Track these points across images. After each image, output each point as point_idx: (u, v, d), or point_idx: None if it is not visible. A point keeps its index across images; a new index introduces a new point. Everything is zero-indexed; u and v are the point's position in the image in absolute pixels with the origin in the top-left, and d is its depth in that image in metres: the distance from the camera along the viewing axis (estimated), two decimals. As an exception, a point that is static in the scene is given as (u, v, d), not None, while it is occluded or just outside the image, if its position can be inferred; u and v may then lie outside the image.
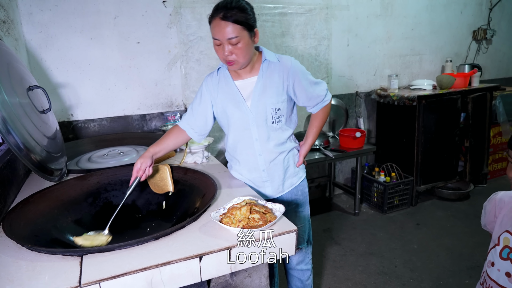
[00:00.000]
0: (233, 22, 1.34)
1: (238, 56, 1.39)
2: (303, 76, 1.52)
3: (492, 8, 4.13)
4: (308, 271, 1.83)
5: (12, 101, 1.20)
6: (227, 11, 1.33)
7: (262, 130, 1.53)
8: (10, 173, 1.40)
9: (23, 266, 0.93)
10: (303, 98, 1.55)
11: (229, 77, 1.54)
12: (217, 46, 1.40)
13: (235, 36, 1.34)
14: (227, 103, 1.53)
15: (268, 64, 1.51)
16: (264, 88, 1.50)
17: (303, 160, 1.69)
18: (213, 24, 1.38)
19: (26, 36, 2.15)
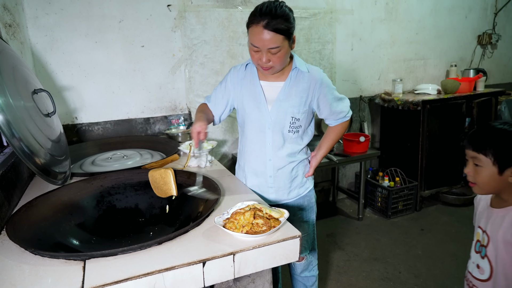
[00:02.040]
0: (277, 32, 1.30)
1: (275, 63, 1.38)
2: (330, 91, 1.51)
3: (497, 13, 4.11)
4: (313, 277, 1.81)
5: (17, 104, 1.20)
6: (272, 20, 1.28)
7: (276, 137, 1.52)
8: (14, 176, 1.40)
9: (26, 270, 0.93)
10: (326, 112, 1.55)
11: (256, 75, 1.52)
12: (254, 52, 1.37)
13: (276, 46, 1.32)
14: (248, 101, 1.53)
15: (297, 73, 1.49)
16: (288, 95, 1.49)
17: (313, 172, 1.67)
18: (253, 30, 1.32)
19: (32, 40, 2.16)
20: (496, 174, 1.10)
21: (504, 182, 1.10)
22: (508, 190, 1.12)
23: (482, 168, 1.12)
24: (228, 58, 2.73)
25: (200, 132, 1.40)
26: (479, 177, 1.13)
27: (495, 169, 1.09)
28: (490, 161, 1.09)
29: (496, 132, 1.11)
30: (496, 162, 1.09)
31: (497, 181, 1.10)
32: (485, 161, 1.10)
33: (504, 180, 1.10)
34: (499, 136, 1.10)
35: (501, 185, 1.11)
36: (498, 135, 1.10)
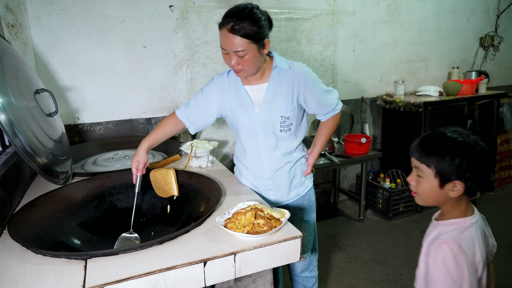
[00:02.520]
0: (241, 36, 1.28)
1: (245, 67, 1.36)
2: (315, 84, 1.48)
3: (500, 15, 4.11)
4: (313, 278, 1.81)
5: (19, 104, 1.21)
6: (237, 23, 1.27)
7: (269, 138, 1.51)
8: (16, 175, 1.41)
9: (27, 269, 0.93)
10: (314, 106, 1.52)
11: (240, 81, 1.51)
12: (224, 54, 1.37)
13: (241, 50, 1.30)
14: (236, 107, 1.51)
15: (279, 71, 1.47)
16: (274, 95, 1.47)
17: (311, 170, 1.67)
18: (221, 33, 1.33)
19: (34, 40, 2.17)
20: (437, 187, 1.01)
21: (444, 196, 1.02)
22: (448, 204, 1.05)
23: (424, 179, 1.03)
24: (229, 59, 2.73)
25: (138, 164, 1.43)
26: (420, 188, 1.05)
27: (436, 182, 1.01)
28: (432, 173, 1.01)
29: (442, 142, 1.01)
30: (437, 175, 1.00)
31: (437, 194, 1.03)
32: (427, 172, 1.02)
33: (444, 194, 1.02)
34: (443, 147, 1.00)
35: (442, 198, 1.03)
36: (443, 146, 1.00)
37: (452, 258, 0.95)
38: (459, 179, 0.98)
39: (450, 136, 1.00)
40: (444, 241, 0.99)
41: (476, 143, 0.98)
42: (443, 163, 0.99)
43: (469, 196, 1.04)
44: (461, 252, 0.95)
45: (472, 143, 0.98)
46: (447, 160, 0.98)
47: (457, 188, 0.99)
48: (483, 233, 1.05)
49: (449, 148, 0.99)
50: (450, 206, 1.05)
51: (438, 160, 0.99)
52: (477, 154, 0.97)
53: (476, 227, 1.03)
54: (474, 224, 1.03)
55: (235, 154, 1.70)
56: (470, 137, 0.99)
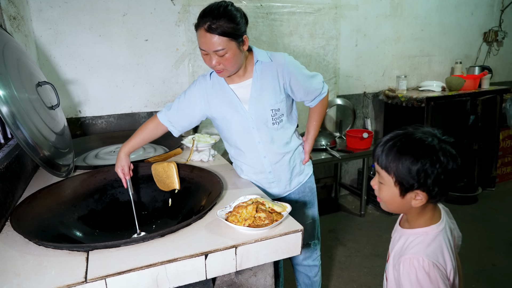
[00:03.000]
0: (219, 34, 1.26)
1: (226, 66, 1.34)
2: (299, 71, 1.47)
3: (504, 10, 4.07)
4: (315, 267, 1.81)
5: (21, 96, 1.21)
6: (213, 22, 1.25)
7: (263, 133, 1.50)
8: (18, 168, 1.41)
9: (30, 260, 0.94)
10: (301, 94, 1.51)
11: (223, 81, 1.48)
12: (204, 55, 1.35)
13: (221, 48, 1.28)
14: (225, 108, 1.49)
15: (261, 65, 1.45)
16: (261, 90, 1.45)
17: (309, 157, 1.68)
18: (198, 34, 1.30)
19: (36, 33, 2.16)
20: (398, 196, 0.92)
21: (407, 205, 0.93)
22: (412, 212, 0.96)
23: (385, 186, 0.94)
24: (231, 53, 2.72)
25: (123, 168, 1.44)
26: (382, 195, 0.97)
27: (396, 191, 0.92)
28: (392, 181, 0.92)
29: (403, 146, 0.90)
30: (397, 183, 0.91)
31: (399, 203, 0.94)
32: (387, 179, 0.93)
33: (406, 202, 0.93)
34: (403, 152, 0.89)
35: (405, 207, 0.95)
36: (403, 151, 0.89)
37: (425, 275, 0.87)
38: (420, 189, 0.89)
39: (412, 139, 0.90)
40: (413, 256, 0.90)
41: (441, 147, 0.87)
42: (402, 170, 0.89)
43: (435, 203, 0.96)
44: (432, 266, 0.88)
45: (436, 147, 0.87)
46: (406, 168, 0.88)
47: (420, 198, 0.91)
48: (450, 232, 0.98)
49: (410, 155, 0.88)
50: (415, 214, 0.97)
51: (397, 167, 0.89)
52: (440, 159, 0.86)
53: (443, 234, 0.94)
54: (441, 231, 0.94)
55: (230, 155, 1.67)
56: (434, 140, 0.88)
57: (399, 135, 0.93)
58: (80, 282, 0.83)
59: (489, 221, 3.05)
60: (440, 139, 0.89)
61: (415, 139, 0.90)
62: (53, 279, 0.85)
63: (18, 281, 0.85)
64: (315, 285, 1.85)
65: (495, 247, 2.62)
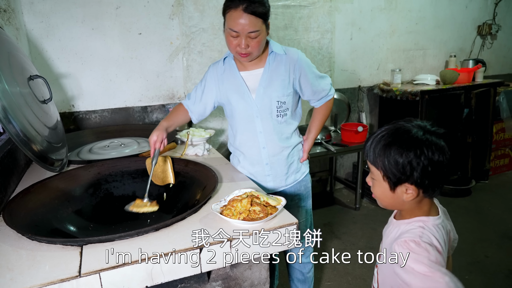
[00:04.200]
0: (256, 15, 1.30)
1: (253, 49, 1.37)
2: (309, 69, 1.50)
3: (498, 3, 4.08)
4: (309, 264, 1.83)
5: (12, 90, 1.19)
6: (251, 3, 1.29)
7: (266, 123, 1.52)
8: (10, 162, 1.40)
9: (23, 255, 0.93)
10: (308, 92, 1.54)
11: (235, 67, 1.52)
12: (232, 37, 1.36)
13: (256, 30, 1.32)
14: (232, 93, 1.53)
15: (274, 56, 1.49)
16: (270, 80, 1.48)
17: (307, 156, 1.68)
18: (232, 14, 1.32)
19: (28, 26, 2.13)
20: (388, 190, 0.91)
21: (399, 200, 0.92)
22: (407, 208, 0.94)
23: (376, 182, 0.93)
24: (226, 47, 2.70)
25: (156, 141, 1.43)
26: (375, 191, 0.96)
27: (386, 186, 0.91)
28: (381, 176, 0.91)
29: (389, 140, 0.88)
30: (385, 177, 0.90)
31: (390, 198, 0.93)
32: (377, 174, 0.92)
33: (398, 197, 0.91)
34: (389, 146, 0.88)
35: (397, 203, 0.93)
36: (389, 144, 0.88)
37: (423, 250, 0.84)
38: (409, 182, 0.88)
39: (398, 133, 0.89)
40: (409, 239, 0.87)
41: (426, 139, 0.85)
42: (388, 165, 0.88)
43: (430, 197, 0.93)
44: (429, 244, 0.86)
45: (421, 139, 0.85)
46: (392, 162, 0.87)
47: (410, 192, 0.89)
48: (446, 233, 0.95)
49: (395, 147, 0.87)
50: (409, 210, 0.95)
51: (383, 162, 0.88)
52: (424, 151, 0.84)
53: (440, 228, 0.93)
54: (439, 224, 0.93)
55: (230, 142, 1.71)
56: (419, 132, 0.86)
57: (386, 129, 0.92)
58: (74, 277, 0.83)
59: (482, 214, 3.09)
60: (426, 131, 0.87)
61: (400, 133, 0.88)
62: (46, 274, 0.84)
63: (12, 275, 0.85)
64: (308, 281, 1.86)
65: (488, 239, 2.65)
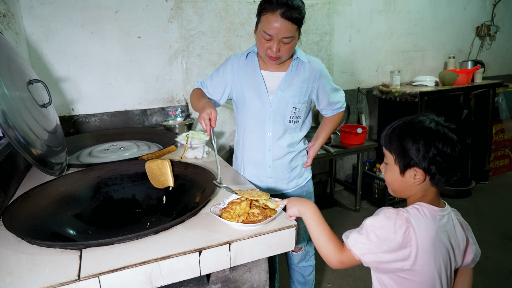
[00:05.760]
0: (293, 22, 1.30)
1: (284, 54, 1.38)
2: (328, 82, 1.53)
3: (496, 4, 4.10)
4: (310, 267, 1.83)
5: (12, 94, 1.20)
6: (289, 9, 1.28)
7: (277, 126, 1.53)
8: (10, 167, 1.40)
9: (23, 259, 0.93)
10: (324, 103, 1.57)
11: (257, 64, 1.51)
12: (265, 39, 1.36)
13: (291, 36, 1.33)
14: (248, 90, 1.52)
15: (298, 63, 1.50)
16: (290, 85, 1.49)
17: (311, 162, 1.68)
18: (269, 18, 1.31)
19: (27, 30, 2.14)
20: (398, 174, 0.98)
21: (407, 185, 0.98)
22: (414, 194, 1.00)
23: (388, 166, 1.01)
24: (225, 49, 2.72)
25: (211, 119, 1.32)
26: (386, 176, 1.03)
27: (397, 169, 0.98)
28: (393, 159, 0.98)
29: (404, 128, 0.97)
30: (397, 161, 0.97)
31: (399, 182, 0.99)
32: (390, 158, 0.99)
33: (406, 182, 0.97)
34: (403, 133, 0.96)
35: (405, 187, 0.99)
36: (403, 132, 0.96)
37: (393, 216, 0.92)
38: (418, 166, 0.94)
39: (413, 122, 0.96)
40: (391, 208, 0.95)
41: (438, 131, 0.92)
42: (400, 149, 0.96)
43: (436, 187, 0.98)
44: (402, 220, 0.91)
45: (433, 129, 0.93)
46: (404, 146, 0.95)
47: (418, 176, 0.95)
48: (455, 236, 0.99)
49: (407, 134, 0.95)
50: (415, 197, 1.00)
51: (396, 146, 0.97)
52: (435, 141, 0.91)
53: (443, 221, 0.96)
54: (441, 216, 0.96)
55: (236, 140, 1.71)
56: (432, 124, 0.94)
57: (402, 120, 1.00)
58: (73, 280, 0.83)
59: (482, 214, 3.08)
60: (438, 123, 0.95)
61: (415, 122, 0.96)
62: (46, 278, 0.84)
63: (11, 280, 0.85)
64: (309, 284, 1.86)
65: (488, 240, 2.64)
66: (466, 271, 1.08)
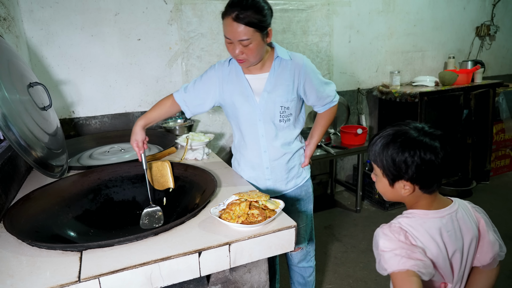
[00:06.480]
0: (246, 24, 1.29)
1: (249, 56, 1.37)
2: (314, 75, 1.50)
3: (496, 4, 4.10)
4: (310, 268, 1.83)
5: (12, 97, 1.20)
6: (241, 12, 1.28)
7: (269, 127, 1.52)
8: (11, 169, 1.41)
9: (23, 261, 0.94)
10: (313, 98, 1.54)
11: (240, 70, 1.52)
12: (228, 44, 1.37)
13: (246, 38, 1.31)
14: (236, 96, 1.52)
15: (280, 62, 1.49)
16: (275, 85, 1.48)
17: (309, 161, 1.68)
18: (225, 22, 1.33)
19: (27, 33, 2.15)
20: (388, 186, 1.00)
21: (398, 194, 0.99)
22: (408, 201, 1.02)
23: (378, 177, 1.02)
24: (225, 51, 2.72)
25: (138, 143, 1.43)
26: (377, 186, 1.05)
27: (386, 181, 0.99)
28: (381, 172, 1.00)
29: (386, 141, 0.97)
30: (384, 174, 0.99)
31: (390, 192, 1.01)
32: (378, 171, 1.01)
33: (397, 192, 0.99)
34: (386, 146, 0.96)
35: (397, 196, 1.01)
36: (386, 145, 0.96)
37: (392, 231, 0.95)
38: (404, 179, 0.95)
39: (394, 134, 0.96)
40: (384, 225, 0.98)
41: (420, 140, 0.92)
42: (386, 163, 0.96)
43: (427, 193, 0.97)
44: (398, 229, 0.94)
45: (416, 139, 0.92)
46: (389, 160, 0.95)
47: (407, 188, 0.96)
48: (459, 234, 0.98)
49: (391, 148, 0.95)
50: (410, 203, 1.02)
51: (382, 160, 0.97)
52: (416, 152, 0.91)
53: (442, 222, 0.96)
54: (438, 218, 0.97)
55: (234, 144, 1.71)
56: (413, 134, 0.94)
57: (385, 131, 1.00)
58: (74, 282, 0.83)
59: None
60: (421, 133, 0.94)
61: (398, 134, 0.96)
62: (46, 280, 0.85)
63: (12, 282, 0.85)
64: (309, 285, 1.86)
65: (489, 240, 2.63)
66: (483, 271, 1.05)
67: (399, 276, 0.89)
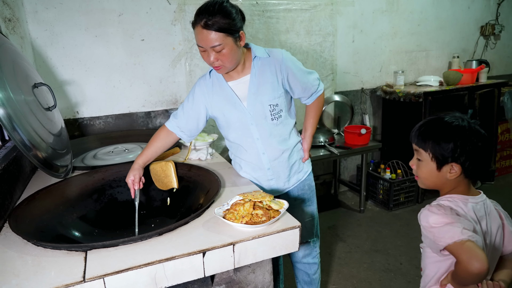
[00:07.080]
0: (216, 30, 1.28)
1: (224, 62, 1.36)
2: (296, 67, 1.49)
3: (501, 3, 4.07)
4: (315, 265, 1.82)
5: (17, 98, 1.21)
6: (209, 18, 1.27)
7: (262, 128, 1.51)
8: (16, 170, 1.42)
9: (28, 261, 0.94)
10: (298, 90, 1.53)
11: (222, 79, 1.50)
12: (202, 52, 1.37)
13: (218, 44, 1.30)
14: (224, 105, 1.51)
15: (259, 61, 1.47)
16: (258, 86, 1.47)
17: (308, 155, 1.68)
18: (195, 31, 1.33)
19: (32, 34, 2.16)
20: (435, 170, 1.07)
21: (442, 178, 1.07)
22: (447, 186, 1.09)
23: (423, 162, 1.09)
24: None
25: (134, 182, 1.41)
26: (420, 171, 1.11)
27: (433, 165, 1.07)
28: (429, 157, 1.07)
29: (437, 127, 1.06)
30: (433, 158, 1.06)
31: (435, 177, 1.08)
32: (425, 156, 1.08)
33: (442, 176, 1.07)
34: (438, 132, 1.05)
35: (440, 181, 1.08)
36: (438, 131, 1.06)
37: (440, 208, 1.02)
38: (455, 162, 1.03)
39: (446, 121, 1.05)
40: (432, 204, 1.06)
41: (470, 127, 1.03)
42: (438, 147, 1.04)
43: (469, 178, 1.07)
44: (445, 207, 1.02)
45: (466, 127, 1.03)
46: (442, 145, 1.04)
47: (454, 170, 1.04)
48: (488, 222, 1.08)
49: (443, 133, 1.04)
50: (451, 187, 1.09)
51: (433, 145, 1.05)
52: (470, 137, 1.01)
53: (477, 207, 1.05)
54: (476, 203, 1.06)
55: (230, 151, 1.70)
56: (465, 122, 1.04)
57: (433, 118, 1.10)
58: (79, 282, 0.84)
59: None
60: (469, 122, 1.05)
61: (447, 121, 1.05)
62: (51, 279, 0.85)
63: (17, 281, 0.86)
64: (314, 283, 1.85)
65: (494, 240, 2.62)
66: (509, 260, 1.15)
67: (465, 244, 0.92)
